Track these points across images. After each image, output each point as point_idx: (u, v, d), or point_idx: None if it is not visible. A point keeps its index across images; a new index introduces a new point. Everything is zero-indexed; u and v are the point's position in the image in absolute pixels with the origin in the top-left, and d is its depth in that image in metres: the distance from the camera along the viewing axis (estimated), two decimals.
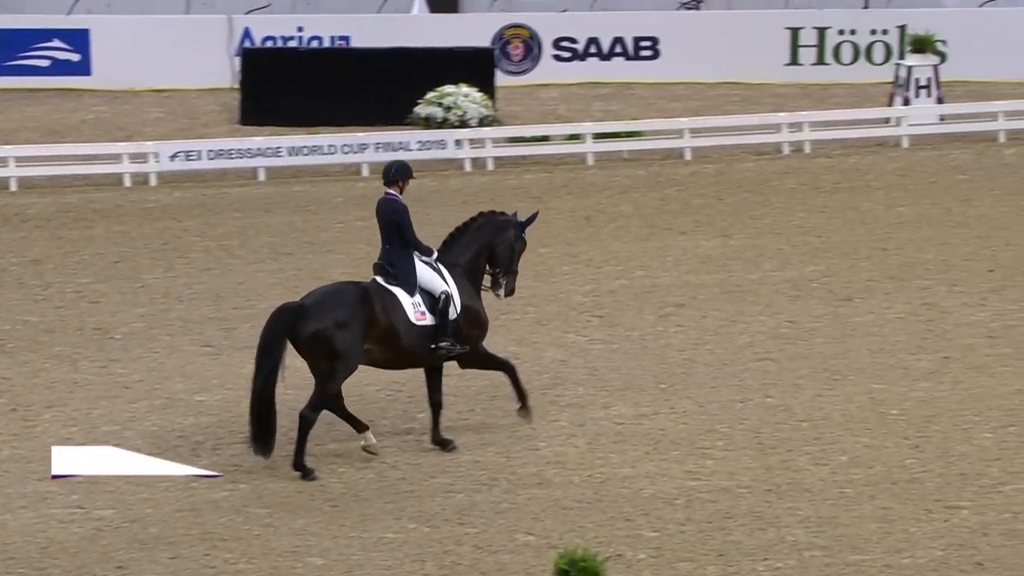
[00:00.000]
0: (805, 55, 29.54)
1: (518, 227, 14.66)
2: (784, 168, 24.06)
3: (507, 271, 14.54)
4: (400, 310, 13.96)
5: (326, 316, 13.71)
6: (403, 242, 14.26)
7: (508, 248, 14.55)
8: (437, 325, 13.99)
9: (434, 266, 14.23)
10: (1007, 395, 15.04)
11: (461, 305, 14.14)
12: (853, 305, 17.68)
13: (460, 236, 14.52)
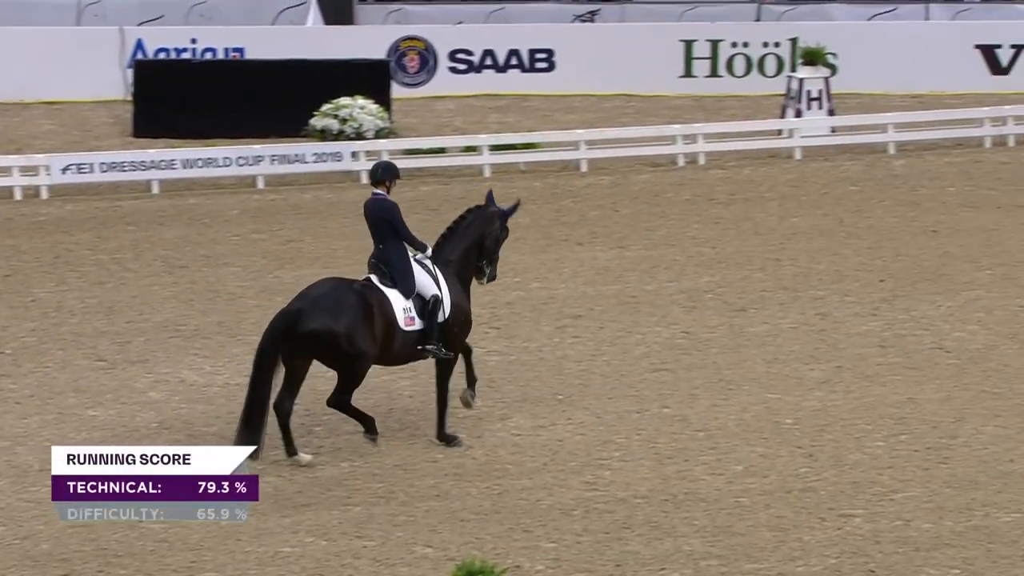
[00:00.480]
0: (699, 67, 29.76)
1: (502, 217, 15.05)
2: (679, 180, 24.22)
3: (491, 260, 14.98)
4: (392, 314, 14.16)
5: (327, 317, 13.83)
6: (396, 240, 14.38)
7: (495, 239, 14.98)
8: (424, 329, 14.21)
9: (427, 266, 14.41)
10: (898, 404, 15.22)
11: (451, 305, 14.39)
12: (747, 315, 17.82)
13: (452, 234, 14.81)
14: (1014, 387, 15.55)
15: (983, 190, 22.99)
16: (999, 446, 14.19)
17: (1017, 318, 17.51)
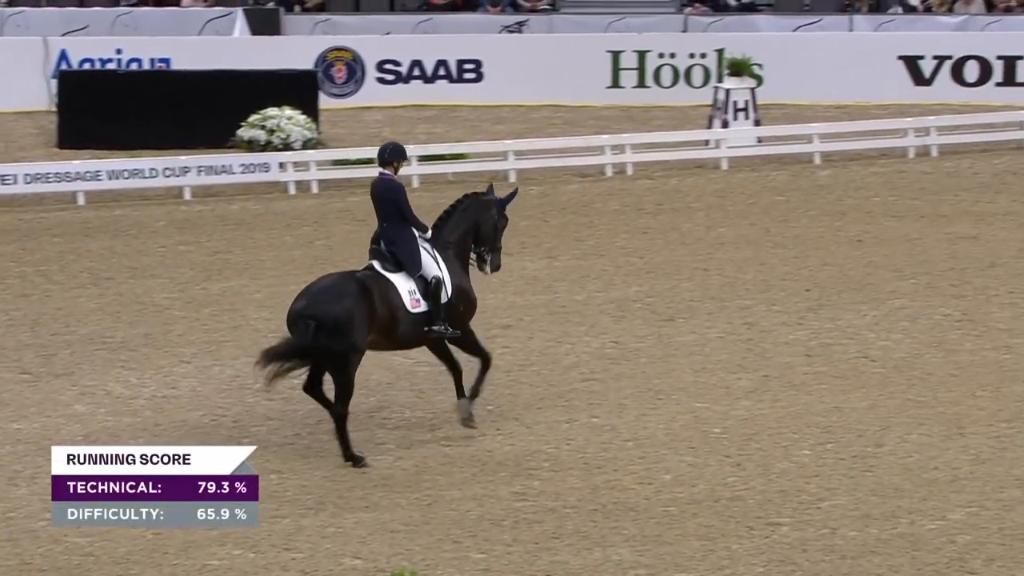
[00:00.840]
0: (626, 78, 29.91)
1: (499, 205, 15.17)
2: (607, 190, 24.30)
3: (491, 248, 15.12)
4: (397, 298, 14.29)
5: (328, 312, 13.89)
6: (401, 220, 14.53)
7: (492, 226, 15.10)
8: (430, 310, 14.36)
9: (428, 248, 14.57)
10: (824, 412, 15.33)
11: (452, 287, 14.57)
12: (676, 325, 17.89)
13: (448, 218, 14.93)
14: (938, 395, 15.70)
15: (907, 200, 23.21)
16: (923, 454, 14.32)
17: (940, 327, 17.69)
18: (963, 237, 21.15)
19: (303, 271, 20.23)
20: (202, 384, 16.26)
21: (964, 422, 15.00)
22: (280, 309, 18.57)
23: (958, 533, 12.82)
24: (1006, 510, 13.20)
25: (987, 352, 16.86)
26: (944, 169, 24.98)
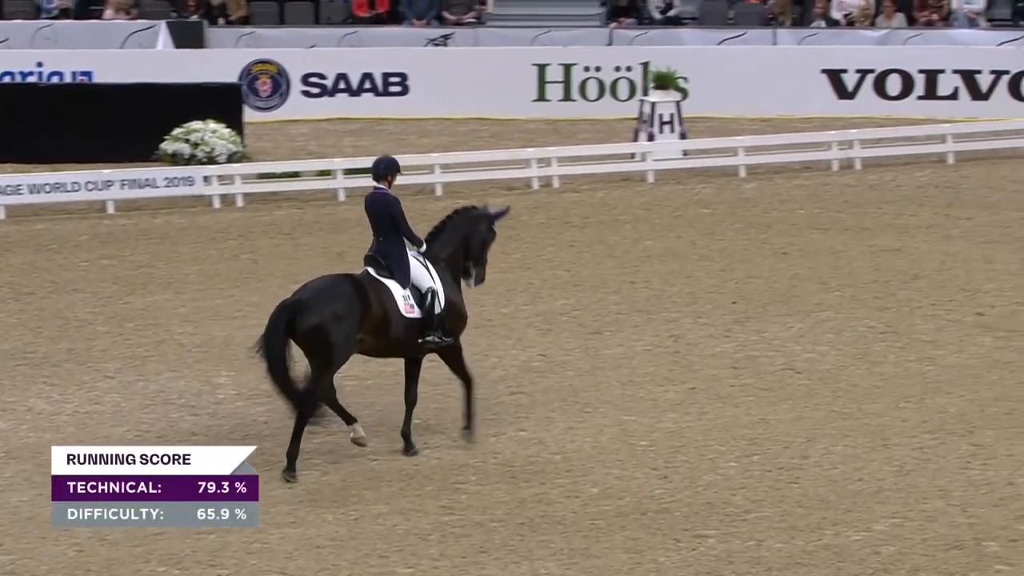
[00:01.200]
0: (552, 91, 29.99)
1: (489, 220, 15.45)
2: (534, 203, 24.34)
3: (478, 262, 15.33)
4: (392, 301, 14.46)
5: (324, 309, 14.06)
6: (396, 235, 14.74)
7: (481, 241, 15.35)
8: (424, 319, 14.54)
9: (421, 260, 14.76)
10: (750, 424, 15.41)
11: (445, 299, 14.74)
12: (603, 338, 17.94)
13: (440, 232, 15.16)
14: (862, 407, 15.82)
15: (831, 212, 23.39)
16: (848, 465, 14.42)
17: (865, 339, 17.83)
18: (887, 250, 21.34)
19: (228, 285, 20.14)
20: (126, 400, 16.14)
21: (888, 433, 15.12)
22: (204, 324, 18.51)
23: (882, 544, 12.92)
24: (929, 521, 13.32)
25: (910, 364, 17.01)
26: (867, 182, 25.20)
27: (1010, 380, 16.47)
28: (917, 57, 29.69)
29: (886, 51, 29.96)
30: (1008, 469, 14.29)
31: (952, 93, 29.51)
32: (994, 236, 21.94)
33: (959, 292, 19.44)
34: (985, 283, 19.78)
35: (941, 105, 29.38)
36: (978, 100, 29.38)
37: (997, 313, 18.66)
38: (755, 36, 30.61)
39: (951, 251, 21.20)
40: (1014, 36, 30.11)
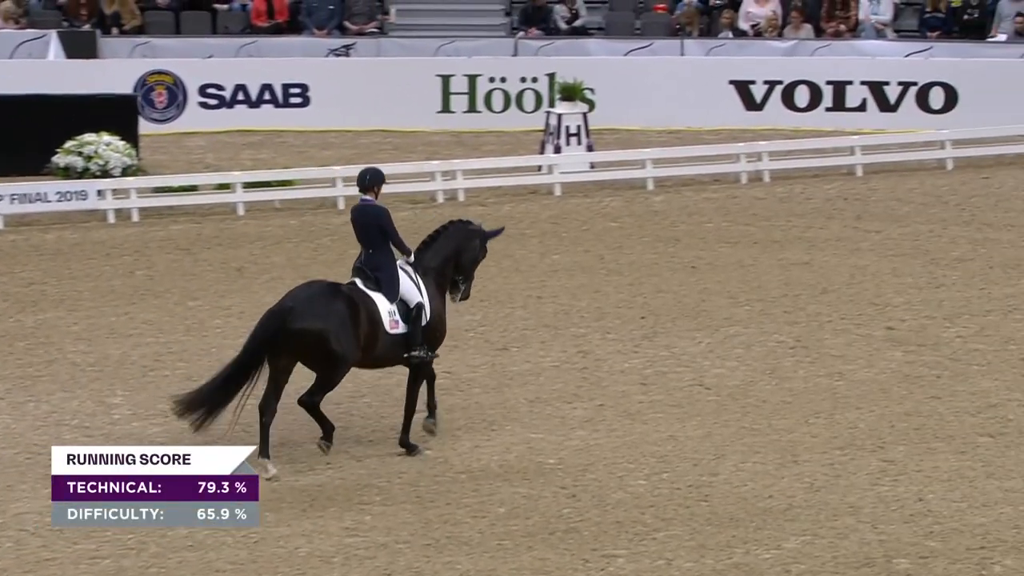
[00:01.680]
0: (457, 103, 30.01)
1: (483, 238, 15.77)
2: (439, 216, 24.26)
3: (467, 278, 15.68)
4: (378, 316, 14.75)
5: (318, 317, 14.34)
6: (385, 246, 14.87)
7: (472, 258, 15.69)
8: (409, 334, 14.71)
9: (410, 273, 14.93)
10: (659, 441, 15.49)
11: (431, 312, 14.94)
12: (510, 354, 17.96)
13: (432, 243, 15.44)
14: (772, 423, 15.95)
15: (740, 226, 23.57)
16: (758, 482, 14.53)
17: (774, 353, 17.98)
18: (796, 263, 21.54)
19: (123, 302, 19.98)
20: (16, 421, 15.96)
21: (798, 450, 15.25)
22: (99, 342, 18.35)
23: (792, 562, 13.02)
24: (840, 538, 13.44)
25: (820, 379, 17.18)
26: (776, 194, 25.42)
27: (920, 395, 16.67)
28: (825, 68, 29.99)
29: (794, 62, 30.24)
30: (918, 485, 14.46)
31: (860, 105, 29.83)
32: (903, 249, 22.21)
33: (868, 306, 19.66)
34: (894, 297, 20.02)
35: (849, 117, 29.69)
36: (886, 112, 29.72)
37: (907, 327, 18.89)
38: (662, 47, 30.79)
39: (860, 264, 21.44)
40: (921, 47, 30.50)
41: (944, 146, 27.24)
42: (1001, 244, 22.39)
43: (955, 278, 20.81)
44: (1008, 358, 17.77)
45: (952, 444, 15.36)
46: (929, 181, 26.22)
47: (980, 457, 15.06)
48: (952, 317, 19.21)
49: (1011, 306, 19.61)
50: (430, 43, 30.80)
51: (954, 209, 24.45)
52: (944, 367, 17.51)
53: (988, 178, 26.36)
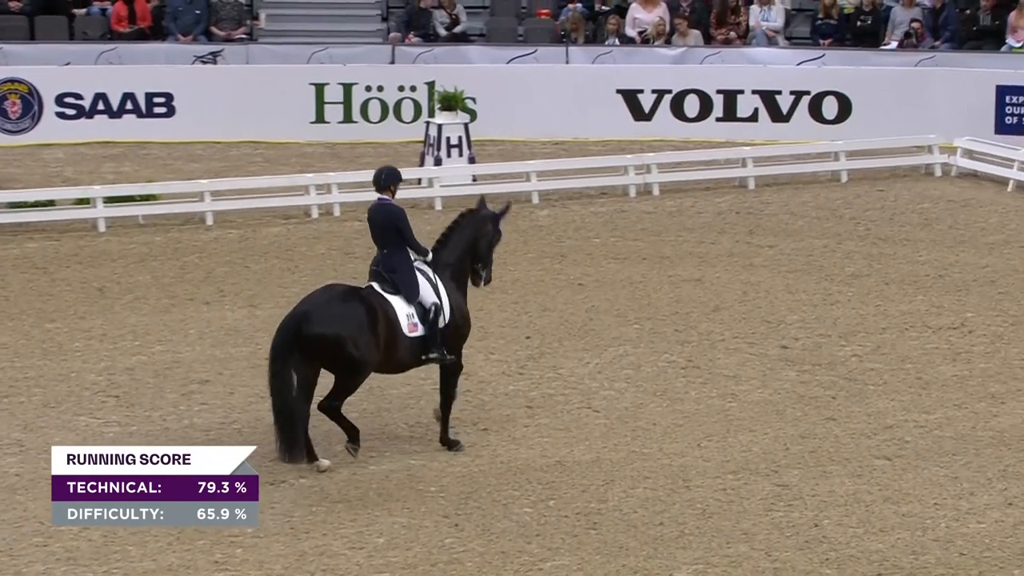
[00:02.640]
0: (331, 113, 29.97)
1: (494, 220, 16.23)
2: (313, 232, 24.28)
3: (486, 263, 16.21)
4: (396, 319, 15.26)
5: (334, 322, 14.93)
6: (402, 246, 15.50)
7: (488, 243, 16.20)
8: (427, 336, 15.13)
9: (426, 273, 15.37)
10: (546, 467, 15.55)
11: (450, 310, 15.37)
12: (388, 377, 17.92)
13: (447, 240, 15.97)
14: (663, 447, 16.06)
15: (628, 241, 23.73)
16: (649, 509, 14.63)
17: (665, 374, 18.11)
18: (687, 280, 21.72)
19: None
20: None
21: (690, 474, 15.38)
22: None
23: None
24: (733, 566, 13.56)
25: (712, 400, 17.33)
26: (666, 208, 25.62)
27: (815, 416, 16.87)
28: (715, 77, 30.30)
29: (683, 70, 30.51)
30: (813, 510, 14.63)
31: (752, 115, 30.17)
32: (797, 265, 22.48)
33: (762, 324, 19.87)
34: (788, 314, 20.25)
35: (741, 127, 30.02)
36: (779, 122, 30.07)
37: (801, 346, 19.11)
38: (546, 54, 30.94)
39: (753, 281, 21.66)
40: (814, 55, 30.89)
41: (838, 158, 27.62)
42: (897, 259, 22.74)
43: (850, 295, 21.10)
44: (905, 377, 18.04)
45: (848, 467, 15.56)
46: (823, 194, 26.57)
47: (877, 481, 15.27)
48: (847, 335, 19.47)
49: (907, 323, 19.91)
50: (303, 50, 30.74)
51: (849, 223, 24.78)
52: (839, 387, 17.74)
53: (883, 191, 26.76)
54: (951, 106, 29.09)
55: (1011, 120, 29.27)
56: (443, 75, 29.08)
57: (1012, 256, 22.87)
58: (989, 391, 17.59)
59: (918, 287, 21.43)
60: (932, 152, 27.91)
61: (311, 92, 29.89)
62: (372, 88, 30.00)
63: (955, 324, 19.88)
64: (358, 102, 29.98)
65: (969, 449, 16.00)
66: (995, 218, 25.02)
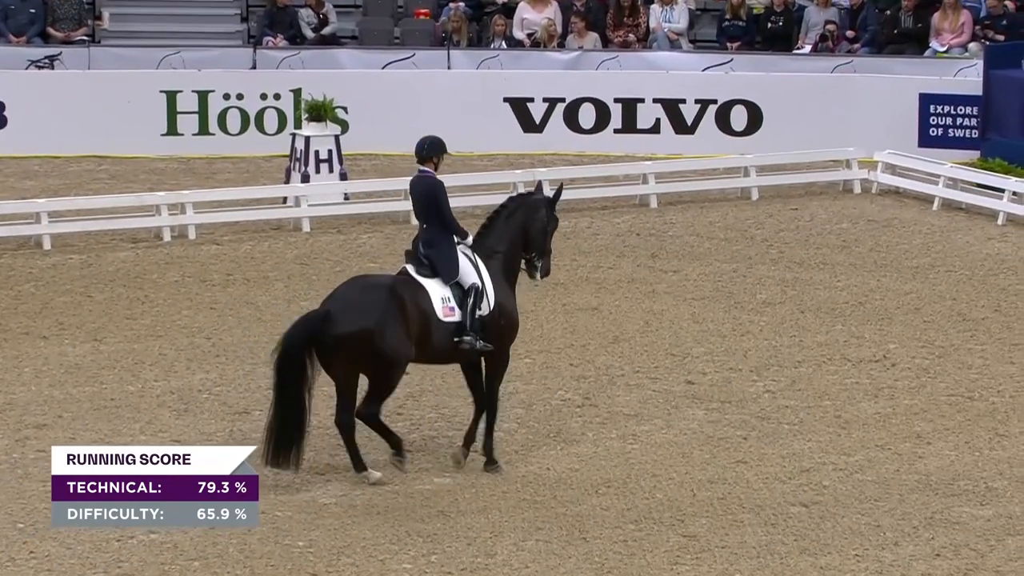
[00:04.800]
0: (185, 123, 29.88)
1: (549, 205, 16.45)
2: (165, 257, 24.18)
3: (541, 253, 16.37)
4: (429, 305, 15.63)
5: (354, 321, 15.38)
6: (442, 221, 15.87)
7: (542, 229, 16.40)
8: (462, 321, 15.35)
9: (469, 255, 15.57)
10: (428, 518, 15.54)
11: (495, 302, 15.60)
12: (251, 418, 17.90)
13: (492, 224, 16.25)
14: (557, 494, 16.12)
15: None
16: (541, 563, 14.68)
17: (559, 413, 18.17)
18: (583, 308, 21.84)
19: None
20: None
21: (587, 524, 15.45)
22: None
23: None
24: None
25: (611, 442, 17.42)
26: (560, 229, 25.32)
27: (724, 459, 17.01)
28: (613, 84, 30.49)
29: (577, 77, 30.68)
30: (723, 563, 14.75)
31: (653, 126, 30.41)
32: (704, 292, 22.67)
33: (666, 357, 20.02)
34: (695, 346, 20.41)
35: (641, 140, 30.24)
36: (683, 134, 30.33)
37: (708, 381, 19.27)
38: (426, 58, 31.02)
39: (656, 309, 21.82)
40: (721, 60, 31.17)
41: (748, 173, 27.91)
42: (813, 285, 22.99)
43: (762, 325, 21.30)
44: (822, 416, 18.24)
45: (761, 515, 15.70)
46: (732, 213, 26.82)
47: (792, 530, 15.42)
48: (759, 369, 19.66)
49: (825, 356, 20.13)
50: (152, 53, 30.61)
51: (760, 245, 25.03)
52: (751, 427, 17.90)
53: (798, 210, 27.05)
54: (871, 116, 29.47)
55: (936, 132, 29.70)
56: (311, 82, 29.05)
57: (938, 281, 23.21)
58: (914, 430, 17.83)
59: (836, 316, 21.68)
60: (851, 167, 28.26)
61: (162, 100, 29.78)
62: (231, 96, 29.94)
63: (877, 356, 20.13)
64: (215, 112, 29.89)
65: (893, 494, 16.20)
66: (919, 239, 25.38)
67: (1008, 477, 16.55)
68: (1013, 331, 21.00)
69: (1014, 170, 27.09)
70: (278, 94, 29.93)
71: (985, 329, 21.10)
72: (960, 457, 17.09)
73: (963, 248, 24.85)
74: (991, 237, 25.45)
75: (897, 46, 31.30)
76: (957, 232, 25.70)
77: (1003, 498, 16.09)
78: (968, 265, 23.93)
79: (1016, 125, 28.54)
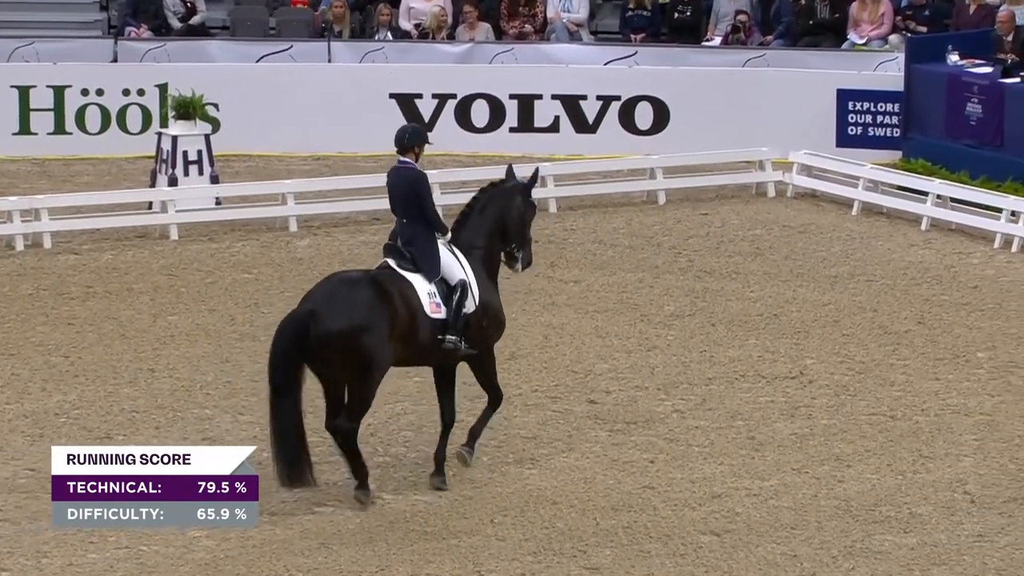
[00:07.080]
0: (39, 122, 29.69)
1: (525, 191, 16.78)
2: (18, 268, 24.04)
3: (521, 243, 16.69)
4: (416, 300, 15.89)
5: (341, 318, 15.56)
6: (423, 216, 16.14)
7: (519, 218, 16.73)
8: (447, 318, 15.37)
9: (451, 249, 15.73)
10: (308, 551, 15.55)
11: (480, 300, 15.80)
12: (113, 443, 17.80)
13: (467, 218, 16.50)
14: (449, 524, 16.14)
15: None
16: None
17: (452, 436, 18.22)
18: None
19: None
20: None
21: (481, 557, 15.50)
22: None
23: None
24: None
25: (508, 467, 17.47)
26: None
27: (629, 484, 17.10)
28: (508, 79, 30.55)
29: (469, 71, 30.72)
30: None
31: (552, 124, 30.48)
32: (608, 304, 22.76)
33: (567, 375, 20.10)
34: (598, 363, 20.50)
35: (539, 139, 30.29)
36: (584, 132, 30.41)
37: (613, 400, 19.36)
38: (304, 51, 30.96)
39: (556, 323, 21.89)
40: (624, 53, 31.29)
41: (654, 175, 28.06)
42: (725, 296, 23.14)
43: (670, 339, 21.42)
44: (735, 437, 18.37)
45: (669, 545, 15.80)
46: (637, 219, 26.94)
47: (703, 560, 15.53)
48: (667, 387, 19.77)
49: (738, 372, 20.28)
50: (2, 44, 30.40)
51: (668, 253, 25.17)
52: (659, 449, 18.01)
53: (708, 214, 27.21)
54: (785, 114, 29.65)
55: (855, 130, 29.93)
56: (178, 76, 28.92)
57: (857, 291, 23.41)
58: (833, 452, 17.98)
59: (750, 329, 21.83)
60: (764, 168, 28.45)
61: (13, 96, 29.59)
62: (90, 92, 29.77)
63: (793, 373, 20.29)
64: (72, 109, 29.72)
65: (810, 521, 16.34)
66: (838, 246, 25.58)
67: (933, 502, 16.73)
68: (937, 345, 21.21)
69: (938, 171, 27.36)
70: (142, 90, 29.78)
71: (908, 343, 21.30)
72: (882, 481, 17.26)
73: (884, 255, 25.07)
74: (914, 244, 25.68)
75: (813, 38, 31.50)
76: (878, 238, 25.92)
77: (928, 525, 16.26)
78: (890, 274, 24.15)
79: (940, 123, 28.73)
